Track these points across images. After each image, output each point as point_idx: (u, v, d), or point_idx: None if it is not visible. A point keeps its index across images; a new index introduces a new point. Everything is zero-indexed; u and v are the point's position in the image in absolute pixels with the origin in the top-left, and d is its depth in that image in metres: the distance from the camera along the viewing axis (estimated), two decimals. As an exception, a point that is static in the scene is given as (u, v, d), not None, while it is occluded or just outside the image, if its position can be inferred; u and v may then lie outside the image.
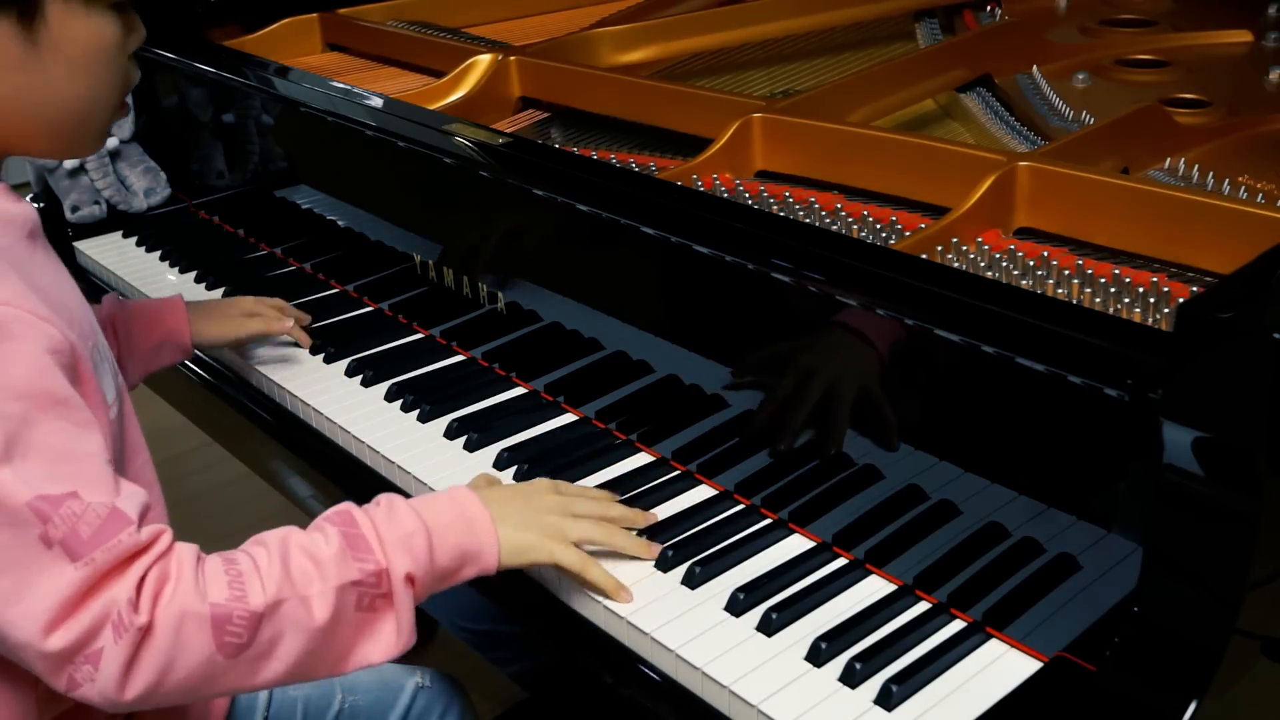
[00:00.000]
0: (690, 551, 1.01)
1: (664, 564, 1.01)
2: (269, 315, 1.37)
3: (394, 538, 0.88)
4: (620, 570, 1.00)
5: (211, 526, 0.95)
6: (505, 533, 0.94)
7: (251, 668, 0.83)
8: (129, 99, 1.02)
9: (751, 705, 0.87)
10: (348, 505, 0.91)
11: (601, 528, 1.00)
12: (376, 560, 0.87)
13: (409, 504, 0.92)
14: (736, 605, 0.96)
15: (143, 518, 0.82)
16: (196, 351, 1.44)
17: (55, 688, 0.80)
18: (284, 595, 0.83)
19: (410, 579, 0.88)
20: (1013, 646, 0.91)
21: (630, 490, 1.10)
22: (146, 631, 0.79)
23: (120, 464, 0.92)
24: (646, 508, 1.08)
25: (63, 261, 0.96)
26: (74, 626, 0.78)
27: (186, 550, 0.83)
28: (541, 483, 1.03)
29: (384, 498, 0.93)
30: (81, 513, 0.78)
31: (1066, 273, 1.02)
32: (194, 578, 0.81)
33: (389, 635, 0.88)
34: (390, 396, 1.29)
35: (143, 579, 0.80)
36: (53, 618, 0.77)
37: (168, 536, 0.82)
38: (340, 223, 1.55)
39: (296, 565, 0.85)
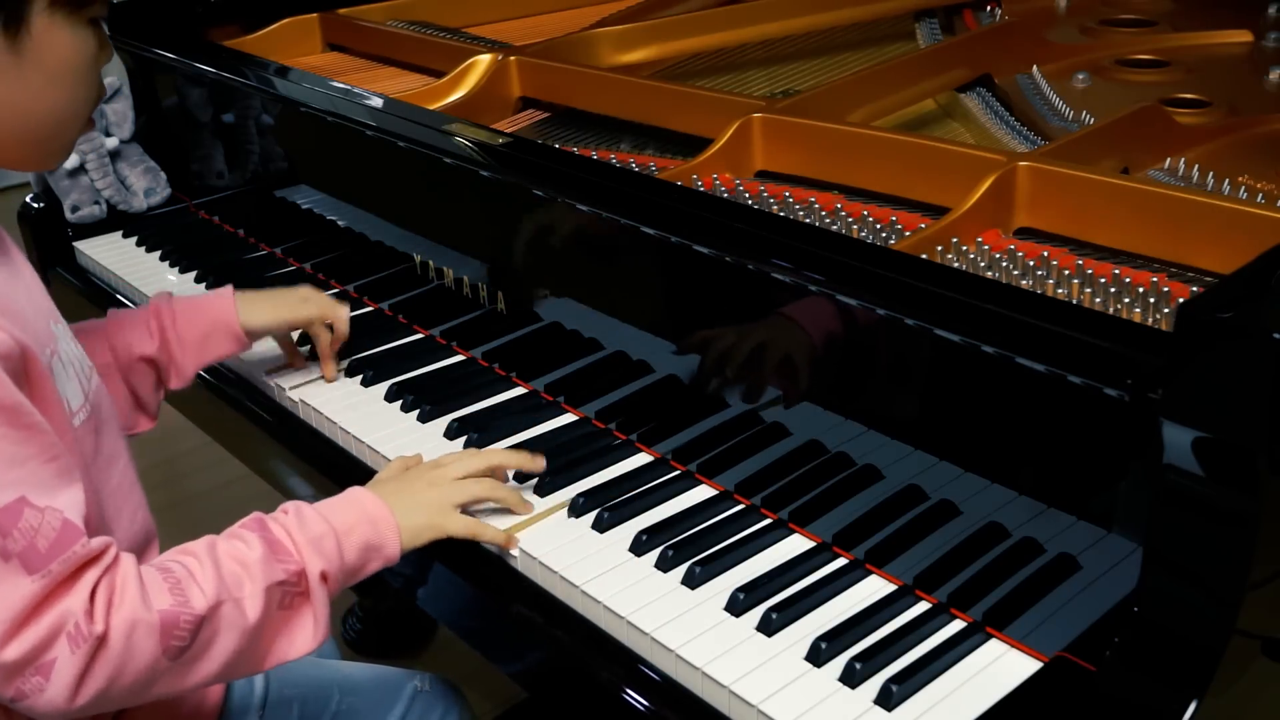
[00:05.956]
0: (690, 551, 1.02)
1: (664, 564, 1.01)
2: (325, 303, 1.31)
3: (306, 540, 0.93)
4: (628, 569, 1.00)
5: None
6: (402, 522, 1.00)
7: (188, 669, 0.86)
8: (121, 108, 1.02)
9: (751, 705, 0.87)
10: (258, 514, 0.96)
11: (481, 484, 1.06)
12: (296, 561, 0.92)
13: (314, 509, 0.97)
14: (736, 605, 0.96)
15: (86, 523, 0.84)
16: None
17: None
18: (221, 598, 0.86)
19: (324, 576, 0.93)
20: (1013, 646, 0.91)
21: (630, 490, 1.10)
22: (101, 641, 0.80)
23: (93, 472, 0.94)
24: (646, 508, 1.08)
25: (63, 261, 0.96)
26: (29, 637, 0.79)
27: (129, 561, 0.85)
28: (422, 466, 1.09)
29: (290, 505, 0.97)
30: (38, 526, 0.80)
31: (1066, 273, 1.02)
32: (138, 587, 0.83)
33: (306, 631, 0.92)
34: (390, 396, 1.29)
35: (94, 590, 0.81)
36: (8, 629, 0.78)
37: (114, 549, 0.84)
38: (340, 223, 1.55)
39: (227, 570, 0.88)
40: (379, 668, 1.20)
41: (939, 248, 1.05)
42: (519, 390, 1.29)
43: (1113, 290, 0.99)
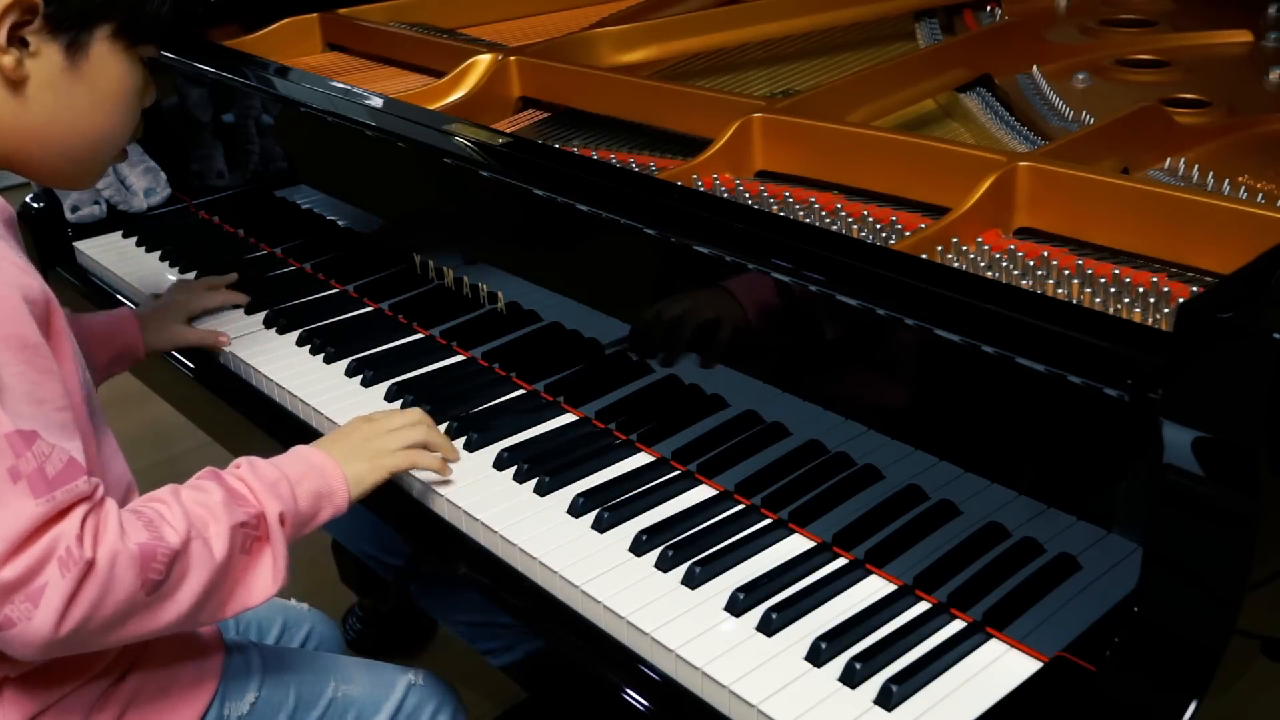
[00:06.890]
0: (690, 551, 1.02)
1: (664, 564, 1.01)
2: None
3: (262, 486, 0.98)
4: (628, 569, 1.00)
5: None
6: (346, 470, 1.06)
7: (159, 607, 0.89)
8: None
9: (751, 705, 0.87)
10: (211, 469, 1.00)
11: (417, 430, 1.13)
12: (254, 505, 0.97)
13: (265, 460, 1.02)
14: (736, 605, 0.96)
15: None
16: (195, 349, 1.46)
17: None
18: (191, 535, 0.91)
19: (282, 519, 0.98)
20: (1013, 646, 0.91)
21: (630, 490, 1.10)
22: (90, 566, 0.84)
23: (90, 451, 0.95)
24: (646, 508, 1.08)
25: (63, 261, 0.98)
26: (24, 559, 0.82)
27: (111, 501, 0.89)
28: (355, 420, 1.15)
29: (243, 460, 1.02)
30: (49, 453, 0.84)
31: (1066, 273, 1.02)
32: (118, 523, 0.87)
33: (266, 575, 0.96)
34: (390, 397, 1.29)
35: (83, 521, 0.85)
36: (8, 549, 0.82)
37: (102, 488, 0.89)
38: (340, 223, 1.55)
39: (193, 512, 0.93)
40: (375, 662, 1.21)
41: (939, 248, 1.05)
42: (519, 390, 1.29)
43: (1113, 290, 0.99)
